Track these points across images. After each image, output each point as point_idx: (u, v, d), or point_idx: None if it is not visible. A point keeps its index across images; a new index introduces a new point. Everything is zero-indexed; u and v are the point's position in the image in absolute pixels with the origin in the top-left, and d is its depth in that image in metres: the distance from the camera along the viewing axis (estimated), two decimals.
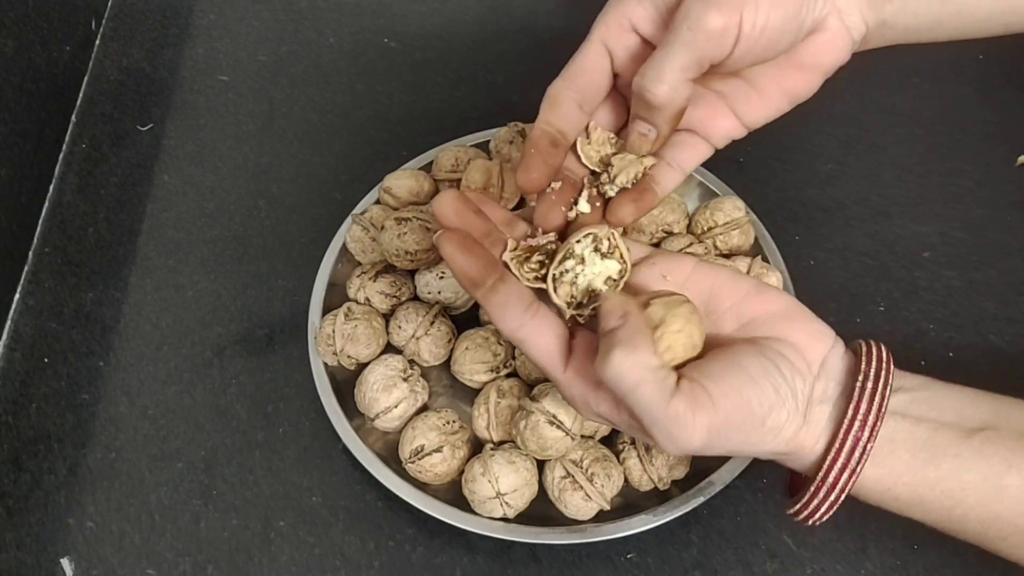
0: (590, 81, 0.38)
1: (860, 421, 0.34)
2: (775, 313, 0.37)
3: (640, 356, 0.32)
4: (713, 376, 0.33)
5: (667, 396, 0.32)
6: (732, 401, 0.33)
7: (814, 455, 0.35)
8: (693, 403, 0.32)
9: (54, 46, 0.66)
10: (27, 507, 0.50)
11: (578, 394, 0.36)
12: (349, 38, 0.73)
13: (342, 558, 0.47)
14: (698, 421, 0.32)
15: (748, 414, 0.33)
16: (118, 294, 0.58)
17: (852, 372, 0.35)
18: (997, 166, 0.63)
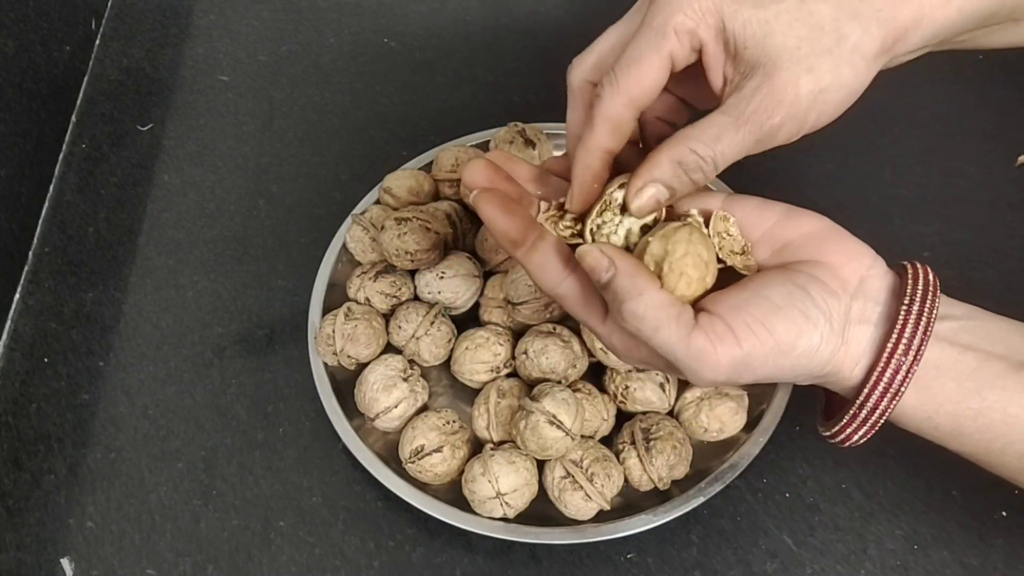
0: (647, 98, 0.35)
1: (905, 343, 0.33)
2: (808, 235, 0.36)
3: (649, 297, 0.32)
4: (734, 307, 0.33)
5: (686, 333, 0.32)
6: (755, 332, 0.32)
7: (854, 377, 0.34)
8: (713, 337, 0.32)
9: (54, 46, 0.66)
10: (27, 507, 0.50)
11: (619, 343, 0.36)
12: (349, 38, 0.73)
13: (342, 558, 0.47)
14: (720, 355, 0.32)
15: (774, 344, 0.33)
16: (118, 294, 0.58)
17: (896, 293, 0.34)
18: (996, 166, 0.63)
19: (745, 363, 0.33)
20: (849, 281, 0.35)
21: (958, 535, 0.47)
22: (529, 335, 0.50)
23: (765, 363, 0.33)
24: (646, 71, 0.34)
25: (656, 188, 0.34)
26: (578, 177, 0.36)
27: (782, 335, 0.33)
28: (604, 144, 0.35)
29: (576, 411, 0.45)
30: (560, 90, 0.71)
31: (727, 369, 0.33)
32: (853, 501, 0.48)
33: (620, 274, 0.33)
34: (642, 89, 0.34)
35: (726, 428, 0.48)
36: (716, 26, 0.33)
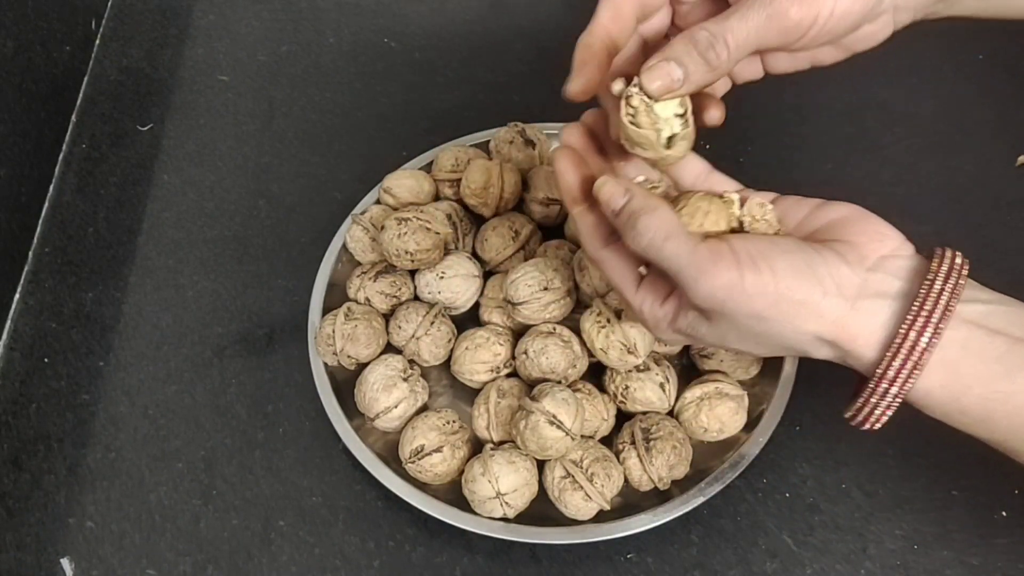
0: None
1: (924, 316, 0.32)
2: (836, 220, 0.37)
3: (663, 213, 0.34)
4: (742, 240, 0.34)
5: (692, 244, 0.34)
6: (756, 264, 0.33)
7: (872, 351, 0.34)
8: (716, 255, 0.33)
9: (54, 46, 0.66)
10: (27, 507, 0.50)
11: (647, 309, 0.38)
12: (349, 38, 0.73)
13: (342, 558, 0.47)
14: (719, 271, 0.33)
15: (772, 280, 0.33)
16: (118, 294, 0.58)
17: (920, 274, 0.34)
18: (996, 166, 0.63)
19: (742, 289, 0.33)
20: (868, 257, 0.35)
21: (959, 534, 0.47)
22: (529, 335, 0.50)
23: (763, 298, 0.33)
24: None
25: (668, 64, 0.35)
26: (578, 57, 0.37)
27: (782, 273, 0.33)
28: (604, 25, 0.37)
29: (576, 411, 0.45)
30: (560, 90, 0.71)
31: (723, 290, 0.33)
32: (853, 501, 0.48)
33: (635, 197, 0.35)
34: None
35: (726, 428, 0.48)
36: None
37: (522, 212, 0.57)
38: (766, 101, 0.67)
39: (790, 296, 0.33)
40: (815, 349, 0.35)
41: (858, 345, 0.34)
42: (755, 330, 0.35)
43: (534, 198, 0.56)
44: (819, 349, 0.35)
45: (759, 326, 0.34)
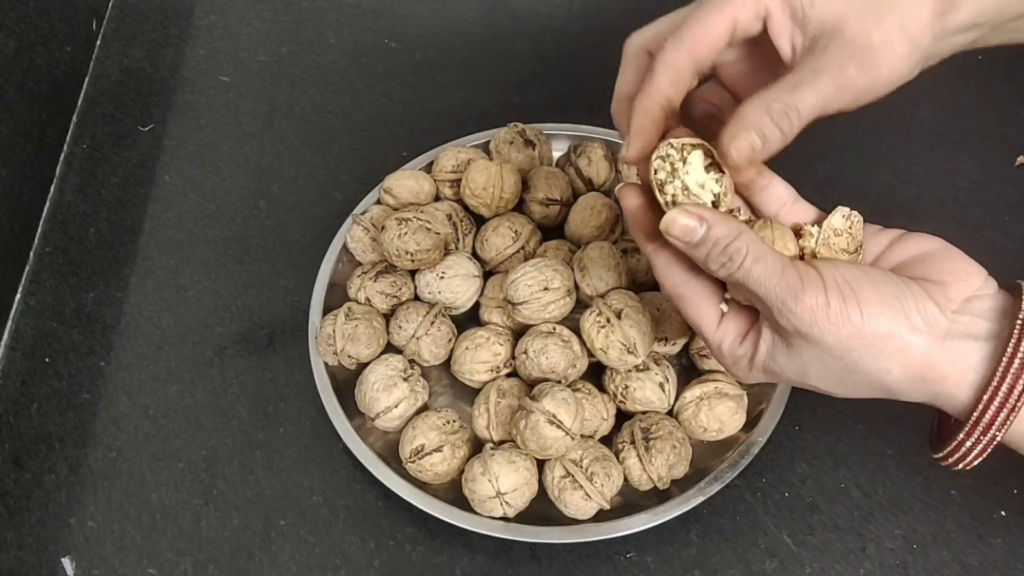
0: (708, 55, 0.36)
1: (1021, 358, 0.32)
2: (920, 255, 0.36)
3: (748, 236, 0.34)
4: (831, 268, 0.34)
5: (781, 266, 0.33)
6: (842, 291, 0.33)
7: (963, 394, 0.34)
8: (805, 276, 0.33)
9: (55, 46, 0.67)
10: (28, 507, 0.50)
11: (727, 347, 0.37)
12: (349, 38, 0.74)
13: (342, 557, 0.48)
14: (807, 295, 0.33)
15: (858, 311, 0.33)
16: (119, 294, 0.59)
17: (1007, 314, 0.34)
18: (996, 167, 0.63)
19: (828, 315, 0.33)
20: (955, 298, 0.34)
21: (957, 534, 0.47)
22: (529, 335, 0.50)
23: (848, 326, 0.33)
24: (710, 28, 0.35)
25: (749, 134, 0.35)
26: (637, 122, 0.36)
27: (868, 303, 0.33)
28: (664, 89, 0.36)
29: (576, 411, 0.45)
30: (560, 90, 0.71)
31: (809, 311, 0.33)
32: (852, 500, 0.48)
33: (715, 224, 0.34)
34: (705, 44, 0.35)
35: (725, 428, 0.48)
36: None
37: (522, 212, 0.57)
38: None
39: (875, 328, 0.33)
40: (901, 388, 0.34)
41: (949, 386, 0.34)
42: (838, 364, 0.34)
43: (534, 198, 0.56)
44: (905, 388, 0.34)
45: (843, 358, 0.34)
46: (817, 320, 0.33)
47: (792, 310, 0.33)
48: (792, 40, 0.36)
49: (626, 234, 0.57)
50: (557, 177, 0.57)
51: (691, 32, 0.36)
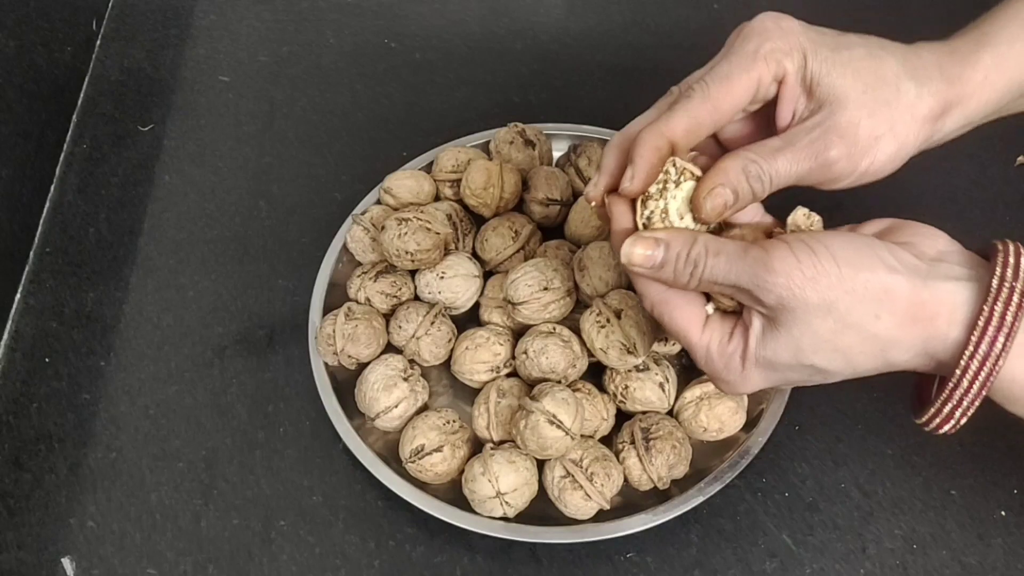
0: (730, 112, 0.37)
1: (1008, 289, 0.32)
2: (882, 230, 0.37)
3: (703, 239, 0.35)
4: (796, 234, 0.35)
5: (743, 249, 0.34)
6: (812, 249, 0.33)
7: (957, 329, 0.33)
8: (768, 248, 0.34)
9: (55, 47, 0.67)
10: (28, 507, 0.50)
11: (716, 349, 0.37)
12: (349, 39, 0.74)
13: (342, 557, 0.48)
14: (774, 259, 0.33)
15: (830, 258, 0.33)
16: (119, 294, 0.59)
17: (982, 264, 0.34)
18: (995, 166, 0.63)
19: (800, 273, 0.33)
20: (926, 252, 0.35)
21: (957, 534, 0.47)
22: (529, 335, 0.50)
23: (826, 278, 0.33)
24: (735, 87, 0.36)
25: (724, 191, 0.36)
26: (644, 156, 0.36)
27: (842, 254, 0.33)
28: (676, 133, 0.36)
29: (576, 411, 0.45)
30: (560, 90, 0.71)
31: (784, 274, 0.33)
32: (852, 500, 0.48)
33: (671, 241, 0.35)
34: (728, 103, 0.36)
35: (725, 428, 0.48)
36: (800, 60, 0.36)
37: (522, 212, 0.57)
38: None
39: (854, 274, 0.33)
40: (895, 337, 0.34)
41: (940, 324, 0.33)
42: (827, 326, 0.33)
43: (534, 198, 0.56)
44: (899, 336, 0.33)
45: (830, 315, 0.33)
46: (793, 280, 0.33)
47: (766, 280, 0.33)
48: (795, 107, 0.38)
49: None
50: (557, 177, 0.57)
51: (718, 87, 0.36)
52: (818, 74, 0.36)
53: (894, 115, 0.37)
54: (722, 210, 0.36)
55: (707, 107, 0.36)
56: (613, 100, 0.68)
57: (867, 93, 0.36)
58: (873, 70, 0.37)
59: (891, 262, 0.33)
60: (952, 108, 0.38)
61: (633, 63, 0.70)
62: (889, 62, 0.37)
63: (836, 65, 0.36)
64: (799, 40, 0.36)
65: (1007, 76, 0.38)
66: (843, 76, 0.36)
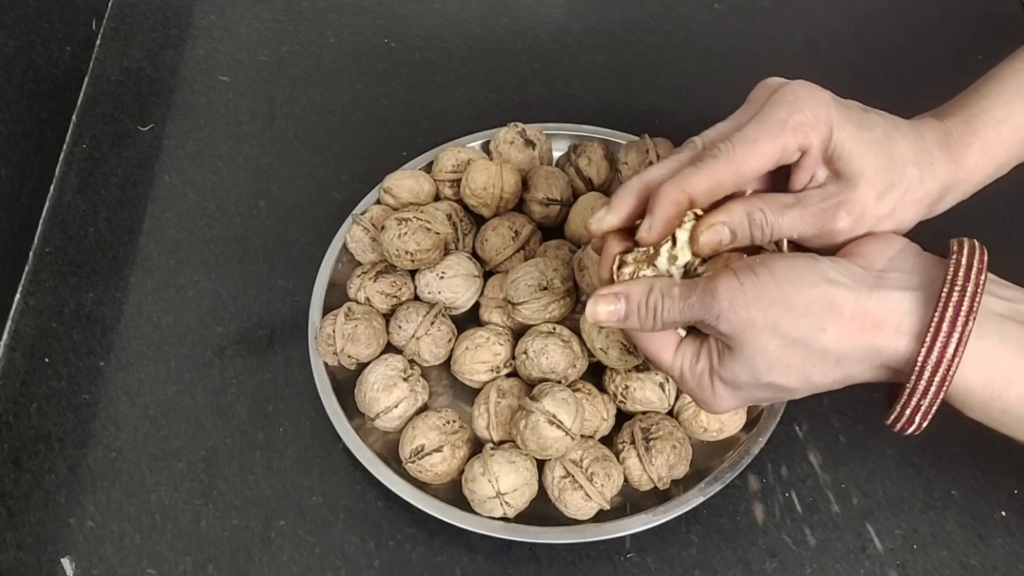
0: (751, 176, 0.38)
1: (957, 296, 0.32)
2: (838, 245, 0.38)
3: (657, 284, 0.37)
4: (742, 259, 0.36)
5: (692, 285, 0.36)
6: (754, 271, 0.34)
7: (905, 339, 0.33)
8: (713, 276, 0.35)
9: (55, 46, 0.67)
10: (28, 507, 0.50)
11: (687, 369, 0.38)
12: (349, 38, 0.74)
13: (342, 557, 0.48)
14: (718, 286, 0.35)
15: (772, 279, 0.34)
16: (119, 294, 0.59)
17: (938, 267, 0.34)
18: None
19: (743, 295, 0.34)
20: (876, 260, 0.36)
21: (957, 534, 0.47)
22: (529, 335, 0.50)
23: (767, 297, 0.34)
24: (760, 153, 0.37)
25: (724, 229, 0.37)
26: (664, 209, 0.37)
27: (782, 273, 0.34)
28: (697, 191, 0.37)
29: (576, 411, 0.45)
30: (560, 90, 0.71)
31: (727, 298, 0.34)
32: (852, 500, 0.48)
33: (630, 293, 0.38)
34: (751, 167, 0.37)
35: (726, 428, 0.48)
36: (826, 134, 0.37)
37: (522, 212, 0.57)
38: None
39: (794, 291, 0.34)
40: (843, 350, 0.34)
41: (888, 334, 0.33)
42: (776, 343, 0.34)
43: (534, 198, 0.56)
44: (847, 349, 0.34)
45: (776, 333, 0.34)
46: (737, 303, 0.34)
47: (713, 307, 0.35)
48: (814, 175, 0.39)
49: None
50: (557, 177, 0.57)
51: (744, 151, 0.37)
52: (841, 150, 0.37)
53: (897, 198, 0.38)
54: (716, 246, 0.37)
55: (731, 170, 0.37)
56: (613, 100, 0.68)
57: (879, 175, 0.37)
58: (888, 154, 0.38)
59: (832, 275, 0.34)
60: (948, 192, 0.40)
61: (633, 63, 0.70)
62: (901, 146, 0.38)
63: (859, 144, 0.37)
64: (828, 114, 0.37)
65: (995, 160, 0.40)
66: (863, 156, 0.37)
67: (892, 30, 0.72)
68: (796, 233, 0.38)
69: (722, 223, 0.37)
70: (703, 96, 0.68)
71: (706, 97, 0.67)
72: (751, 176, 0.37)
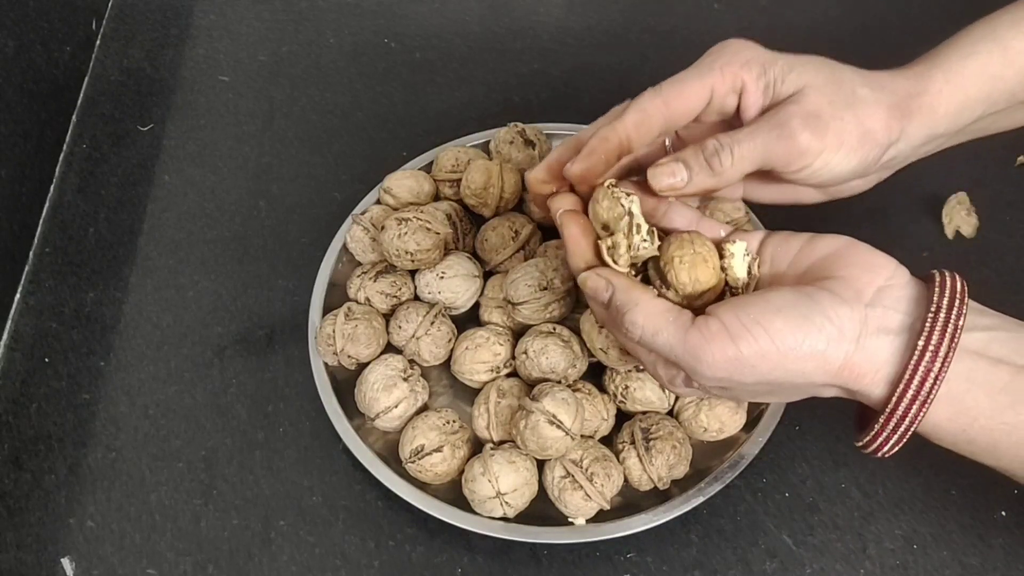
0: (681, 113, 0.38)
1: (931, 352, 0.33)
2: (827, 254, 0.37)
3: (645, 306, 0.36)
4: (732, 309, 0.34)
5: (683, 333, 0.35)
6: (749, 330, 0.33)
7: (880, 388, 0.34)
8: (707, 334, 0.34)
9: (55, 46, 0.67)
10: (28, 507, 0.50)
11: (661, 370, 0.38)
12: (349, 38, 0.74)
13: (342, 557, 0.48)
14: (715, 351, 0.34)
15: (770, 343, 0.33)
16: (119, 294, 0.59)
17: (920, 302, 0.34)
18: (995, 166, 0.63)
19: (742, 360, 0.34)
20: (864, 291, 0.35)
21: (957, 534, 0.47)
22: (529, 335, 0.50)
23: (766, 361, 0.34)
24: (688, 89, 0.38)
25: (676, 165, 0.37)
26: (591, 143, 0.38)
27: (780, 334, 0.33)
28: (628, 128, 0.38)
29: (576, 411, 0.45)
30: (560, 90, 0.71)
31: (724, 366, 0.34)
32: (852, 500, 0.48)
33: (617, 290, 0.36)
34: (681, 102, 0.38)
35: (726, 428, 0.48)
36: (758, 71, 0.38)
37: (522, 212, 0.57)
38: None
39: (794, 355, 0.34)
40: (822, 391, 0.36)
41: (864, 384, 0.34)
42: (766, 388, 0.35)
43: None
44: (826, 391, 0.36)
45: (770, 384, 0.35)
46: (736, 368, 0.34)
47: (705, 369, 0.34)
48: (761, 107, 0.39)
49: None
50: None
51: (670, 89, 0.38)
52: (778, 78, 0.38)
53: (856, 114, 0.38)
54: (673, 184, 0.37)
55: (656, 103, 0.38)
56: (613, 100, 0.67)
57: (827, 85, 0.38)
58: (830, 73, 0.38)
59: (829, 330, 0.34)
60: (912, 115, 0.39)
61: (633, 63, 0.70)
62: (844, 71, 0.39)
63: (795, 67, 0.38)
64: (759, 55, 0.38)
65: (962, 90, 0.40)
66: (803, 73, 0.38)
67: (892, 29, 0.72)
68: (759, 152, 0.37)
69: (673, 160, 0.37)
70: None
71: None
72: (681, 114, 0.38)
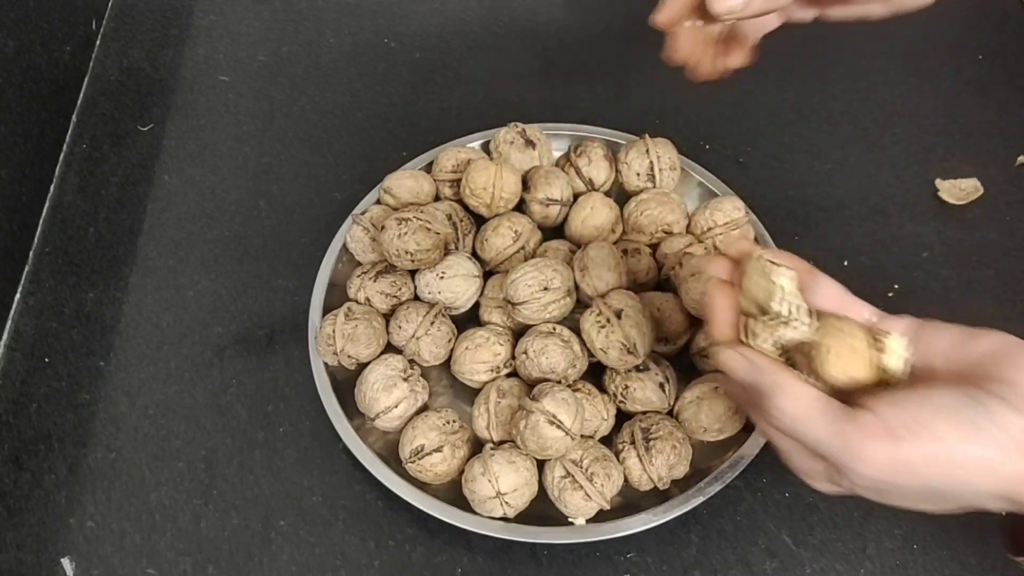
0: None
1: None
2: (988, 353, 0.34)
3: (793, 391, 0.32)
4: (893, 404, 0.31)
5: (836, 424, 0.31)
6: (913, 431, 0.30)
7: None
8: (865, 432, 0.31)
9: (55, 46, 0.67)
10: (28, 507, 0.50)
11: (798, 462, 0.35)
12: (349, 38, 0.74)
13: (342, 557, 0.48)
14: (876, 451, 0.30)
15: (937, 447, 0.30)
16: (119, 294, 0.59)
17: None
18: (995, 166, 0.63)
19: (904, 463, 0.31)
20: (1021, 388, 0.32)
21: (957, 534, 0.47)
22: (529, 335, 0.50)
23: (932, 467, 0.31)
24: None
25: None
26: None
27: (947, 440, 0.30)
28: None
29: (576, 411, 0.45)
30: (560, 90, 0.71)
31: (886, 466, 0.31)
32: (852, 500, 0.48)
33: (761, 371, 0.33)
34: None
35: (726, 428, 0.48)
36: None
37: (522, 212, 0.57)
38: (766, 101, 0.67)
39: (964, 462, 0.31)
40: (991, 503, 0.32)
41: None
42: (926, 496, 0.32)
43: (534, 198, 0.56)
44: (995, 503, 0.32)
45: (932, 491, 0.32)
46: (898, 472, 0.31)
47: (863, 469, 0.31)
48: None
49: (626, 234, 0.57)
50: (557, 177, 0.57)
51: None
52: None
53: None
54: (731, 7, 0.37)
55: None
56: (613, 100, 0.68)
57: None
58: None
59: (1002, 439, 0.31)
60: None
61: (633, 63, 0.70)
62: None
63: None
64: None
65: None
66: None
67: (891, 30, 0.72)
68: None
69: None
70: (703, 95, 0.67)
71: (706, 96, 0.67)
72: None
